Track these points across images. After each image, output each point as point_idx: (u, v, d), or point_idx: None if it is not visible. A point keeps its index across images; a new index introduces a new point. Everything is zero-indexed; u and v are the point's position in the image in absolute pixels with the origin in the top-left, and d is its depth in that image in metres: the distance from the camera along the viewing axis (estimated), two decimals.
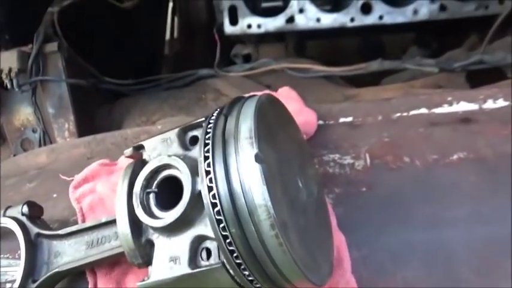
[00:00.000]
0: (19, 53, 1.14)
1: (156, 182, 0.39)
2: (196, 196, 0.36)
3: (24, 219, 0.55)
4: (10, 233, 0.60)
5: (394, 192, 0.51)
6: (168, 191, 0.40)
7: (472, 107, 0.59)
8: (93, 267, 0.54)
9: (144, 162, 0.42)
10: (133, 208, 0.38)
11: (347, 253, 0.47)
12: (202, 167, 0.34)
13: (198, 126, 0.41)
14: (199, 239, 0.36)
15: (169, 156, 0.38)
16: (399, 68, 1.09)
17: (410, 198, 0.50)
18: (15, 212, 0.56)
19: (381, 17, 1.30)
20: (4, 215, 0.56)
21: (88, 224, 0.51)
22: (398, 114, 0.62)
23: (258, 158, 0.33)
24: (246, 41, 1.56)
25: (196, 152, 0.39)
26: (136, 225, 0.39)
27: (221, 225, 0.33)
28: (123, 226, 0.38)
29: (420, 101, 0.63)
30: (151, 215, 0.37)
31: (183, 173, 0.37)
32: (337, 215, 0.50)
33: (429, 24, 1.34)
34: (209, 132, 0.36)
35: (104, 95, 1.34)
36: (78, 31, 1.29)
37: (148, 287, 0.37)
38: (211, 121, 0.38)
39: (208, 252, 0.36)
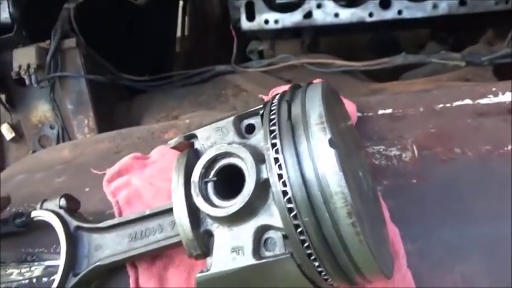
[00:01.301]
0: (37, 49, 1.13)
1: (214, 171, 0.38)
2: (260, 185, 0.34)
3: (62, 212, 0.54)
4: (45, 226, 0.59)
5: (448, 184, 0.49)
6: (222, 181, 0.38)
7: None
8: (134, 261, 0.52)
9: (197, 152, 0.40)
10: (191, 198, 0.37)
11: (402, 246, 0.46)
12: (270, 154, 0.33)
13: (254, 114, 0.39)
14: (263, 229, 0.35)
15: (229, 144, 0.37)
16: (424, 61, 1.07)
17: (466, 190, 0.49)
18: (53, 205, 0.55)
19: (399, 12, 1.29)
20: (41, 208, 0.55)
21: (131, 216, 0.50)
22: (442, 105, 0.60)
23: (332, 143, 0.31)
24: (261, 37, 1.55)
25: (255, 140, 0.37)
26: (193, 216, 0.37)
27: (292, 214, 0.31)
28: (182, 216, 0.36)
29: (463, 92, 0.61)
30: (211, 204, 0.36)
31: (246, 161, 0.35)
32: (389, 208, 0.49)
33: (447, 20, 1.33)
34: (273, 119, 0.35)
35: (121, 92, 1.33)
36: (92, 28, 1.28)
37: (208, 278, 0.35)
38: (273, 108, 0.36)
39: (272, 243, 0.34)
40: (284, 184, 0.32)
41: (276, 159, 0.32)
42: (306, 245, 0.32)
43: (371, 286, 0.44)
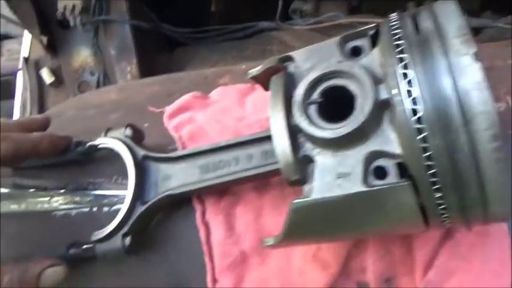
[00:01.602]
0: None
1: (317, 92, 0.34)
2: (378, 106, 0.31)
3: (128, 141, 0.52)
4: (106, 157, 0.57)
5: None
6: (323, 104, 0.35)
7: None
8: (201, 195, 0.51)
9: (291, 77, 0.37)
10: (291, 120, 0.34)
11: None
12: (396, 69, 0.29)
13: (361, 35, 0.36)
14: (373, 156, 0.32)
15: (339, 62, 0.33)
16: (490, 25, 1.01)
17: None
18: (118, 133, 0.53)
19: None
20: (106, 136, 0.53)
21: (203, 147, 0.48)
22: None
23: (477, 57, 0.28)
24: None
25: (367, 61, 0.34)
26: (293, 139, 0.34)
27: (420, 136, 0.28)
28: (282, 139, 0.33)
29: None
30: (317, 126, 0.33)
31: (361, 79, 0.32)
32: None
33: None
34: (398, 33, 0.31)
35: (162, 43, 1.30)
36: None
37: (308, 204, 0.33)
38: (392, 24, 0.32)
39: (383, 171, 0.32)
40: (414, 102, 0.28)
41: (405, 75, 0.29)
42: (430, 172, 0.29)
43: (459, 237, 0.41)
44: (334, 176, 0.32)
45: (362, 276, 0.46)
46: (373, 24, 0.35)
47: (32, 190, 0.58)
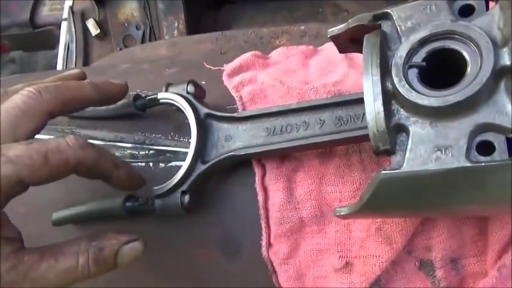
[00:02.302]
0: None
1: (421, 56, 0.31)
2: (495, 73, 0.28)
3: (190, 97, 0.50)
4: (164, 113, 0.56)
5: None
6: (425, 69, 0.32)
7: None
8: (261, 158, 0.49)
9: (387, 37, 0.33)
10: (386, 84, 0.31)
11: None
12: None
13: None
14: (481, 129, 0.29)
15: (453, 21, 0.30)
16: None
17: None
18: (180, 89, 0.51)
19: None
20: (167, 92, 0.52)
21: (271, 109, 0.46)
22: None
23: None
24: None
25: (481, 22, 0.30)
26: (386, 106, 0.32)
27: None
28: (375, 102, 0.31)
29: None
30: (419, 93, 0.30)
31: (479, 41, 0.28)
32: None
33: None
34: None
35: (208, 1, 1.26)
36: None
37: (398, 177, 0.30)
38: None
39: (490, 147, 0.29)
40: None
41: None
42: None
43: None
44: (431, 148, 0.29)
45: (427, 254, 0.44)
46: None
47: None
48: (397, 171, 0.30)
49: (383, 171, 0.31)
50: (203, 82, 0.63)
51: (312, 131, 0.42)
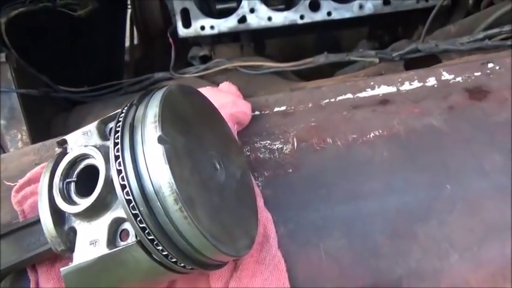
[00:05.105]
0: None
1: (76, 172, 0.41)
2: (110, 181, 0.38)
3: None
4: None
5: (317, 171, 0.54)
6: (92, 181, 0.41)
7: (391, 89, 0.63)
8: (35, 264, 0.55)
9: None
10: (54, 198, 0.40)
11: (273, 230, 0.50)
12: (112, 152, 0.37)
13: (115, 118, 0.43)
14: (117, 222, 0.38)
15: (86, 146, 0.40)
16: (344, 60, 1.14)
17: (332, 176, 0.54)
18: None
19: (329, 14, 1.37)
20: None
21: (19, 223, 0.52)
22: (327, 101, 0.66)
23: (161, 140, 0.35)
24: (201, 43, 1.59)
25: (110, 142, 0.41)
26: (58, 214, 0.40)
27: (131, 205, 0.35)
28: (45, 215, 0.39)
29: (346, 87, 0.67)
30: (71, 202, 0.39)
31: (97, 160, 0.39)
32: (265, 196, 0.53)
33: (378, 19, 1.42)
34: (120, 121, 0.38)
35: (60, 104, 1.33)
36: (29, 41, 1.29)
37: (71, 270, 0.38)
38: (123, 111, 0.40)
39: (126, 234, 0.38)
40: (123, 179, 0.35)
41: (117, 157, 0.36)
42: (146, 231, 0.36)
43: (243, 268, 0.48)
44: (88, 242, 0.38)
45: None
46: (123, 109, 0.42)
47: None
48: (70, 265, 0.39)
49: (61, 268, 0.39)
50: None
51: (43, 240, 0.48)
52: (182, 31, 1.45)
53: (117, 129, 0.38)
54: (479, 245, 0.47)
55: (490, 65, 0.61)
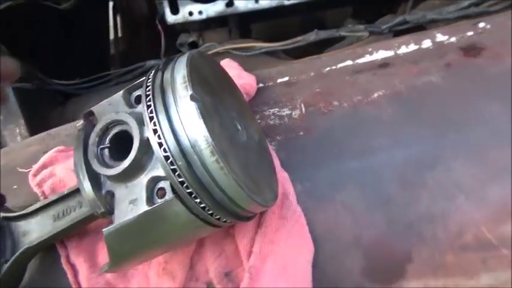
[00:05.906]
0: None
1: (108, 138, 0.43)
2: (145, 142, 0.40)
3: None
4: None
5: (327, 131, 0.58)
6: (124, 146, 0.44)
7: (389, 53, 0.67)
8: (63, 240, 0.57)
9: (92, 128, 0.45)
10: (90, 164, 0.42)
11: (292, 188, 0.53)
12: (146, 114, 0.39)
13: (141, 86, 0.45)
14: (154, 181, 0.41)
15: (117, 113, 0.42)
16: (334, 36, 1.17)
17: (341, 135, 0.57)
18: None
19: None
20: None
21: (51, 198, 0.54)
22: (328, 69, 0.69)
23: (193, 98, 0.38)
24: (189, 29, 1.59)
25: (140, 107, 0.43)
26: (95, 180, 0.42)
27: (169, 161, 0.38)
28: (83, 180, 0.41)
29: (346, 54, 0.70)
30: (107, 166, 0.42)
31: (130, 124, 0.41)
32: (281, 158, 0.56)
33: None
34: (149, 86, 0.41)
35: (54, 97, 1.33)
36: (17, 35, 1.28)
37: (113, 230, 0.41)
38: (150, 77, 0.42)
39: (163, 191, 0.41)
40: (159, 137, 0.38)
41: (151, 118, 0.38)
42: (185, 185, 0.38)
43: (267, 224, 0.51)
44: (127, 202, 0.41)
45: (207, 276, 0.54)
46: (148, 76, 0.44)
47: None
48: (111, 226, 0.41)
49: (103, 229, 0.41)
50: (15, 186, 0.70)
51: (85, 208, 0.51)
52: (171, 18, 1.45)
53: (147, 93, 0.40)
54: (483, 186, 0.51)
55: (481, 24, 0.65)
